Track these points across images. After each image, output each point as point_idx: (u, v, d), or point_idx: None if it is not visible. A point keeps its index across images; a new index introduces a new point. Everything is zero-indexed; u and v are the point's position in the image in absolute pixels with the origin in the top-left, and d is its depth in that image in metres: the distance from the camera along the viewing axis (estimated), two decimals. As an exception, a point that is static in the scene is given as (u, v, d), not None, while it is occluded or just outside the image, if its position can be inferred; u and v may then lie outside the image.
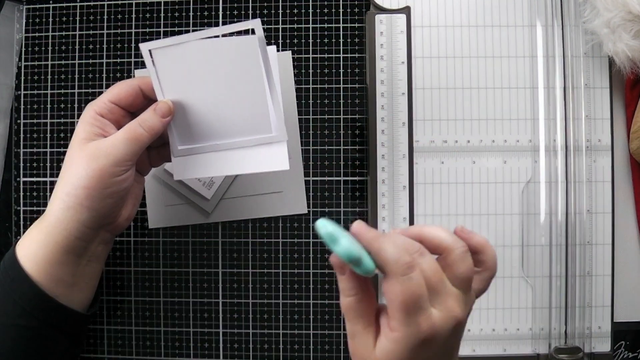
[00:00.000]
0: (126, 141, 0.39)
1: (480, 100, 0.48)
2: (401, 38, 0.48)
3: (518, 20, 0.48)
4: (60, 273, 0.40)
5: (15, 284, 0.39)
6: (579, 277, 0.47)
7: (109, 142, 0.39)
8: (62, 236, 0.39)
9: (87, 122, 0.40)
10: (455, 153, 0.48)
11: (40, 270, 0.39)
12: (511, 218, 0.48)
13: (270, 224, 0.50)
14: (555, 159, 0.48)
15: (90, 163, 0.38)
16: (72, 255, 0.40)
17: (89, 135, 0.39)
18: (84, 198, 0.38)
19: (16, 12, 0.51)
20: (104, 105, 0.40)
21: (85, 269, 0.42)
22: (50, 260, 0.39)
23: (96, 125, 0.40)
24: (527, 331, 0.48)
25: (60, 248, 0.39)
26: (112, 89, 0.41)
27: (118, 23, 0.50)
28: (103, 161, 0.38)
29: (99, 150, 0.39)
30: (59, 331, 0.41)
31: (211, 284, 0.50)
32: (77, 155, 0.39)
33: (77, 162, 0.39)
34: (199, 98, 0.41)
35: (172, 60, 0.39)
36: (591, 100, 0.48)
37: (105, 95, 0.41)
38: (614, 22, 0.44)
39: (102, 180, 0.39)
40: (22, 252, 0.40)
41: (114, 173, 0.39)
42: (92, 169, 0.38)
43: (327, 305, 0.49)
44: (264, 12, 0.50)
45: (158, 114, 0.40)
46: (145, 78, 0.41)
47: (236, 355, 0.49)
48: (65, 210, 0.39)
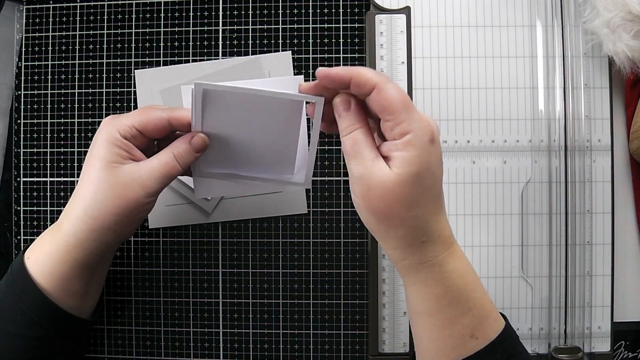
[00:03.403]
0: (161, 175, 0.39)
1: (480, 100, 0.48)
2: (401, 38, 0.48)
3: (518, 20, 0.48)
4: (75, 287, 0.41)
5: (24, 295, 0.39)
6: (579, 277, 0.47)
7: (143, 173, 0.39)
8: (82, 255, 0.39)
9: (112, 142, 0.39)
10: (455, 153, 0.48)
11: (57, 285, 0.40)
12: (511, 218, 0.48)
13: (270, 224, 0.50)
14: (555, 159, 0.48)
15: (124, 192, 0.38)
16: (88, 270, 0.41)
17: (115, 158, 0.38)
18: (112, 223, 0.39)
19: (16, 12, 0.51)
20: (128, 130, 0.39)
21: (96, 278, 0.43)
22: (68, 277, 0.40)
23: (122, 148, 0.39)
24: (527, 331, 0.48)
25: (78, 265, 0.40)
26: (139, 115, 0.40)
27: (118, 23, 0.50)
28: (138, 192, 0.38)
29: (134, 180, 0.38)
30: (65, 338, 0.41)
31: (211, 284, 0.50)
32: (107, 180, 0.38)
33: (107, 188, 0.38)
34: (234, 133, 0.40)
35: (220, 102, 0.38)
36: (591, 100, 0.48)
37: (130, 119, 0.39)
38: (614, 22, 0.44)
39: (134, 209, 0.39)
40: (35, 266, 0.40)
41: (145, 203, 0.39)
42: (127, 199, 0.38)
43: (327, 305, 0.49)
44: (264, 12, 0.50)
45: (193, 149, 0.39)
46: (177, 112, 0.40)
47: (236, 355, 0.49)
48: (89, 232, 0.39)
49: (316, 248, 0.49)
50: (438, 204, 0.35)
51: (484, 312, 0.35)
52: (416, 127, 0.33)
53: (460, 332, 0.35)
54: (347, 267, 0.49)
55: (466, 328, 0.35)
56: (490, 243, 0.48)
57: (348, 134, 0.35)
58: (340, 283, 0.49)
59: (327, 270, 0.49)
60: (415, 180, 0.33)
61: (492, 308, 0.36)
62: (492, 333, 0.35)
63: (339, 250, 0.49)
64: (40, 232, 0.42)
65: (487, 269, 0.48)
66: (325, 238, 0.49)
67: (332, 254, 0.49)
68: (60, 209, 0.50)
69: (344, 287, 0.49)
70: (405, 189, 0.33)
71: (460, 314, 0.35)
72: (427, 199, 0.34)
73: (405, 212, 0.34)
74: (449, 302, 0.35)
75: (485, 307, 0.36)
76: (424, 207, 0.34)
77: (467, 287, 0.35)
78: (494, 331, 0.35)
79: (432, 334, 0.36)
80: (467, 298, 0.35)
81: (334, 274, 0.49)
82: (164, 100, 0.50)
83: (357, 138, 0.35)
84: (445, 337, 0.35)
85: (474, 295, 0.35)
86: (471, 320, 0.35)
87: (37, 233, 0.50)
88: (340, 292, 0.49)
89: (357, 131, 0.35)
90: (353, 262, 0.49)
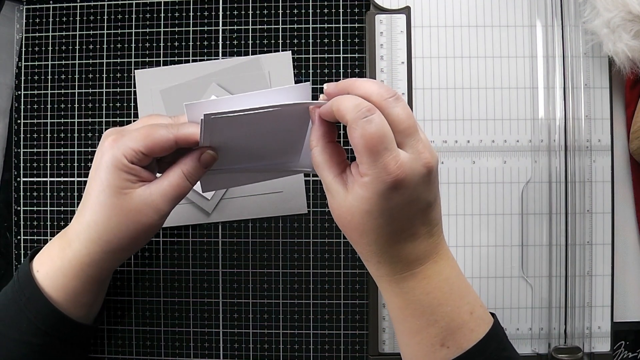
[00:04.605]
0: (174, 197, 0.38)
1: (480, 100, 0.48)
2: (401, 38, 0.48)
3: (518, 20, 0.48)
4: (86, 299, 0.41)
5: (31, 303, 0.39)
6: (579, 277, 0.47)
7: (156, 197, 0.38)
8: (96, 272, 0.40)
9: (120, 168, 0.37)
10: (455, 153, 0.48)
11: (69, 299, 0.40)
12: (511, 218, 0.48)
13: (270, 224, 0.50)
14: (555, 159, 0.48)
15: (139, 217, 0.38)
16: (100, 284, 0.42)
17: (125, 184, 0.37)
18: (127, 245, 0.39)
19: (16, 12, 0.51)
20: (134, 155, 0.37)
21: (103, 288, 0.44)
22: (81, 291, 0.40)
23: (131, 173, 0.37)
24: (526, 331, 0.48)
25: (92, 280, 0.40)
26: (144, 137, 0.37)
27: (118, 23, 0.50)
28: (153, 217, 0.38)
29: (147, 206, 0.38)
30: (69, 344, 0.42)
31: (211, 284, 0.50)
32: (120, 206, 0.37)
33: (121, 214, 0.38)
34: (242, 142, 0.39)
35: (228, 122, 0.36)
36: (591, 100, 0.48)
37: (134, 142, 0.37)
38: (614, 22, 0.44)
39: (149, 231, 0.39)
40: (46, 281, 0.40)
41: (160, 225, 0.39)
42: (142, 224, 0.38)
43: (327, 305, 0.49)
44: (264, 12, 0.50)
45: (202, 165, 0.38)
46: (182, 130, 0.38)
47: (236, 355, 0.49)
48: (104, 253, 0.39)
49: (316, 248, 0.49)
50: (397, 237, 0.34)
51: (455, 325, 0.35)
52: (374, 174, 0.32)
53: (429, 341, 0.35)
54: (347, 267, 0.49)
55: (435, 338, 0.35)
56: (490, 243, 0.48)
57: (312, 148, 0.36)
58: (340, 283, 0.49)
59: (327, 270, 0.49)
60: (366, 216, 0.33)
61: (469, 319, 0.35)
62: (466, 343, 0.35)
63: (339, 250, 0.49)
64: (40, 232, 0.42)
65: (487, 269, 0.48)
66: (325, 238, 0.49)
67: (332, 254, 0.49)
68: (61, 209, 0.50)
69: (344, 287, 0.49)
70: (356, 219, 0.34)
71: (425, 325, 0.35)
72: (380, 233, 0.34)
73: (357, 236, 0.34)
74: (411, 313, 0.35)
75: (456, 320, 0.35)
76: (377, 238, 0.34)
77: (432, 303, 0.35)
78: (469, 341, 0.35)
79: (404, 340, 0.36)
80: (432, 312, 0.35)
81: (334, 274, 0.49)
82: (164, 100, 0.50)
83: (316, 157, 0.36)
84: (415, 343, 0.35)
85: (441, 310, 0.35)
86: (439, 331, 0.35)
87: (37, 233, 0.50)
88: (340, 292, 0.49)
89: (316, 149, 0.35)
90: (353, 262, 0.49)
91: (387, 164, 0.32)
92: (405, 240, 0.34)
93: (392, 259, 0.34)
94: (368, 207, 0.33)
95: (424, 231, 0.35)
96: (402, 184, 0.32)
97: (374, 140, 0.31)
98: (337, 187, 0.34)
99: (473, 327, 0.35)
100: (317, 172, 0.36)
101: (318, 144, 0.36)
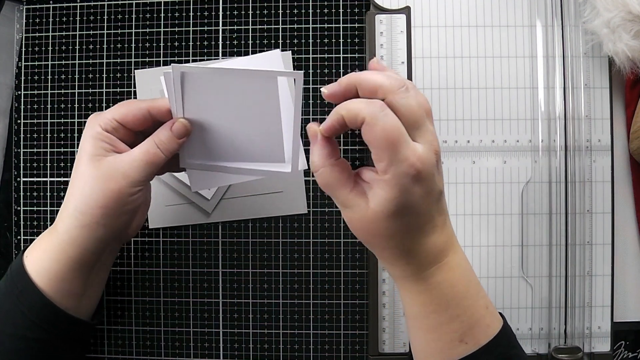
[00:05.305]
0: (144, 164, 0.39)
1: (480, 100, 0.48)
2: (401, 38, 0.48)
3: (518, 20, 0.48)
4: (71, 286, 0.41)
5: (24, 296, 0.39)
6: (579, 277, 0.47)
7: (125, 163, 0.38)
8: (76, 252, 0.39)
9: (95, 137, 0.39)
10: (455, 153, 0.48)
11: (52, 285, 0.40)
12: (511, 218, 0.48)
13: (270, 224, 0.50)
14: (555, 159, 0.48)
15: (108, 183, 0.38)
16: (84, 268, 0.41)
17: (99, 152, 0.39)
18: (100, 217, 0.39)
19: (16, 12, 0.51)
20: (109, 123, 0.39)
21: (94, 278, 0.43)
22: (64, 276, 0.40)
23: (105, 141, 0.39)
24: (526, 331, 0.48)
25: (73, 264, 0.40)
26: (119, 107, 0.40)
27: (118, 23, 0.50)
28: (121, 182, 0.38)
29: (116, 171, 0.38)
30: (66, 341, 0.42)
31: (211, 284, 0.50)
32: (91, 174, 0.38)
33: (92, 181, 0.38)
34: (215, 118, 0.39)
35: (198, 84, 0.38)
36: (591, 100, 0.48)
37: (110, 112, 0.39)
38: (614, 22, 0.44)
39: (119, 200, 0.39)
40: (32, 265, 0.40)
41: (131, 193, 0.39)
42: (110, 190, 0.38)
43: (327, 305, 0.49)
44: (264, 12, 0.50)
45: (175, 135, 0.39)
46: (156, 101, 0.40)
47: (236, 355, 0.49)
48: (80, 228, 0.39)
49: (316, 248, 0.49)
50: (422, 231, 0.34)
51: (474, 319, 0.35)
52: (396, 169, 0.32)
53: (448, 336, 0.35)
54: (347, 267, 0.49)
55: (455, 333, 0.35)
56: (490, 243, 0.48)
57: (316, 171, 0.35)
58: (340, 283, 0.49)
59: (327, 270, 0.49)
60: (392, 217, 0.33)
61: (485, 314, 0.36)
62: (483, 339, 0.35)
63: (339, 250, 0.49)
64: (40, 232, 0.42)
65: (487, 269, 0.48)
66: (325, 238, 0.49)
67: (332, 254, 0.49)
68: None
69: (344, 287, 0.49)
70: (382, 225, 0.33)
71: (447, 320, 0.35)
72: (407, 231, 0.34)
73: (384, 242, 0.34)
74: (434, 309, 0.35)
75: (475, 314, 0.35)
76: (404, 238, 0.34)
77: (455, 296, 0.35)
78: (486, 337, 0.35)
79: (421, 337, 0.36)
80: (456, 306, 0.35)
81: (334, 274, 0.49)
82: (164, 100, 0.50)
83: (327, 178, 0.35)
84: (433, 340, 0.35)
85: (463, 303, 0.35)
86: (460, 326, 0.35)
87: (37, 233, 0.50)
88: (340, 292, 0.49)
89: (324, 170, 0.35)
90: (353, 262, 0.49)
91: (408, 157, 0.32)
92: (428, 234, 0.34)
93: (420, 255, 0.35)
94: (393, 207, 0.33)
95: (440, 221, 0.35)
96: (422, 175, 0.32)
97: (394, 133, 0.31)
98: (356, 201, 0.34)
99: (489, 322, 0.36)
100: (328, 192, 0.35)
101: (325, 165, 0.35)
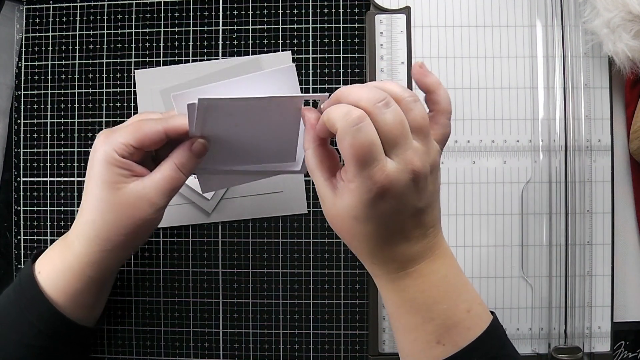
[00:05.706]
0: (168, 190, 0.38)
1: (480, 100, 0.48)
2: (401, 38, 0.48)
3: (518, 20, 0.48)
4: (87, 300, 0.41)
5: (33, 306, 0.39)
6: (579, 277, 0.47)
7: (150, 190, 0.38)
8: (97, 273, 0.40)
9: (111, 162, 0.37)
10: (455, 153, 0.48)
11: (70, 300, 0.40)
12: (511, 218, 0.48)
13: (270, 224, 0.50)
14: (555, 159, 0.48)
15: (133, 211, 0.38)
16: (101, 284, 0.42)
17: (118, 179, 0.38)
18: (124, 242, 0.39)
19: (16, 12, 0.51)
20: (125, 149, 0.37)
21: (106, 291, 0.44)
22: (82, 292, 0.40)
23: (123, 167, 0.38)
24: (526, 331, 0.48)
25: (92, 281, 0.40)
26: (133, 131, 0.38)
27: (118, 23, 0.50)
28: (147, 210, 0.38)
29: (141, 199, 0.38)
30: (70, 346, 0.42)
31: (211, 284, 0.50)
32: (113, 202, 0.38)
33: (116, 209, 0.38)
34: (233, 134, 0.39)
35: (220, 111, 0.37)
36: (591, 100, 0.48)
37: (125, 136, 0.38)
38: (614, 22, 0.44)
39: (144, 226, 0.39)
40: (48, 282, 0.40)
41: (156, 218, 0.39)
42: (137, 218, 0.38)
43: (327, 305, 0.49)
44: (264, 12, 0.50)
45: (194, 155, 0.38)
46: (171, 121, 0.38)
47: (236, 355, 0.49)
48: (102, 252, 0.39)
49: (316, 248, 0.49)
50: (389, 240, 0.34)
51: (451, 322, 0.35)
52: (360, 182, 0.32)
53: (425, 337, 0.35)
54: (347, 268, 0.49)
55: (430, 335, 0.35)
56: (490, 243, 0.48)
57: (305, 150, 0.36)
58: (340, 283, 0.49)
59: (327, 270, 0.49)
60: (354, 221, 0.33)
61: (466, 317, 0.35)
62: (462, 341, 0.34)
63: (339, 251, 0.49)
64: (40, 232, 0.42)
65: (487, 269, 0.48)
66: (325, 238, 0.49)
67: (332, 254, 0.49)
68: (61, 209, 0.50)
69: (344, 287, 0.49)
70: (345, 223, 0.34)
71: (420, 322, 0.35)
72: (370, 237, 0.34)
73: (349, 238, 0.35)
74: (407, 310, 0.35)
75: (452, 317, 0.35)
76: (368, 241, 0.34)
77: (427, 301, 0.35)
78: (465, 339, 0.34)
79: (401, 336, 0.36)
80: (428, 310, 0.34)
81: (334, 274, 0.49)
82: (164, 100, 0.50)
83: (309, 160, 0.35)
84: (411, 340, 0.35)
85: (437, 307, 0.34)
86: (435, 328, 0.34)
87: (37, 233, 0.50)
88: (340, 292, 0.49)
89: (309, 152, 0.35)
90: (353, 262, 0.49)
91: (374, 174, 0.31)
92: (396, 243, 0.34)
93: (385, 259, 0.34)
94: (355, 213, 0.33)
95: (417, 233, 0.34)
96: (388, 193, 0.32)
97: (363, 149, 0.31)
98: (327, 191, 0.34)
99: (470, 325, 0.35)
100: (310, 174, 0.36)
101: (310, 147, 0.35)
